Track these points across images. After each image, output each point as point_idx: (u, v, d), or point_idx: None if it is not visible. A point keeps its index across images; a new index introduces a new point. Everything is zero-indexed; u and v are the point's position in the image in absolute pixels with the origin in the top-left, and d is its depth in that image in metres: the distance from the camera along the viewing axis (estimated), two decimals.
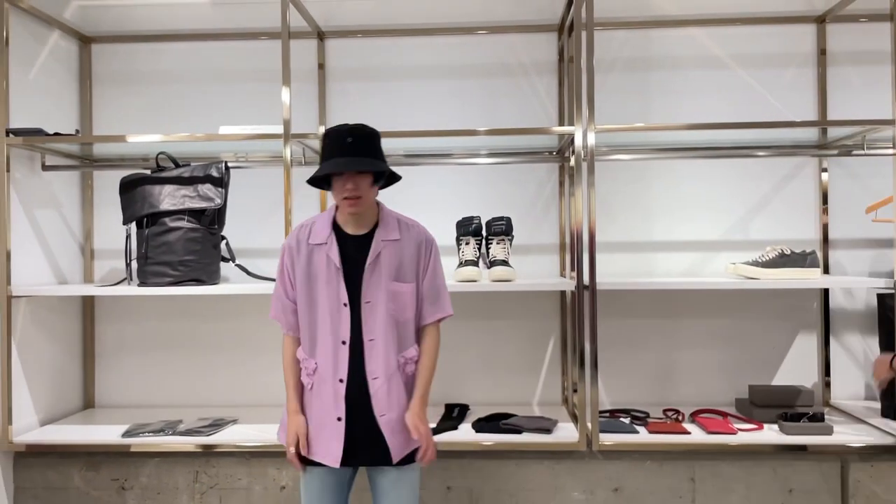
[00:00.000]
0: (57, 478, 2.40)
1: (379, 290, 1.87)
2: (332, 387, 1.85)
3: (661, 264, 2.75)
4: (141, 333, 2.82)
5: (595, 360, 2.29)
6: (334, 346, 1.85)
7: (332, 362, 1.85)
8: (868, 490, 2.27)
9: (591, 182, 2.27)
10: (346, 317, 1.85)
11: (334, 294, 1.86)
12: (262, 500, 2.38)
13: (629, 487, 2.33)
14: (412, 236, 1.93)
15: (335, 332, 1.86)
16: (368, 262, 1.86)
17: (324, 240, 1.89)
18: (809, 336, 2.73)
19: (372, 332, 1.86)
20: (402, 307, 1.89)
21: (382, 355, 1.86)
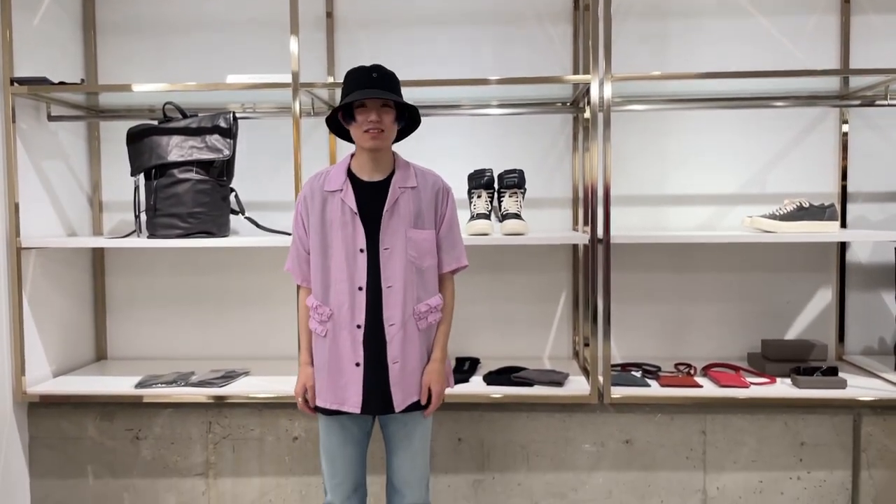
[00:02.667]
0: (71, 428, 2.43)
1: (397, 236, 1.85)
2: (350, 333, 1.85)
3: (676, 218, 2.71)
4: (151, 286, 2.82)
5: (608, 313, 2.28)
6: (351, 293, 1.84)
7: (349, 308, 1.84)
8: (880, 443, 2.27)
9: (608, 134, 2.22)
10: (363, 263, 1.84)
11: (350, 239, 1.85)
12: (275, 450, 2.40)
13: (640, 440, 2.34)
14: (429, 184, 1.92)
15: (351, 278, 1.84)
16: (387, 208, 1.85)
17: (339, 186, 1.87)
18: (825, 291, 2.70)
19: (390, 279, 1.85)
20: (422, 254, 1.88)
21: (400, 302, 1.85)
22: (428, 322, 1.90)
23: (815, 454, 2.30)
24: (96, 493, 2.43)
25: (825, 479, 2.30)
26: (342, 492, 1.94)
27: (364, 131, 1.82)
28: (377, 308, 1.85)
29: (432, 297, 1.92)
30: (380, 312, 1.84)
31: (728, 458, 2.31)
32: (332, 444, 1.92)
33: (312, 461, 2.39)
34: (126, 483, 2.43)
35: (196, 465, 2.42)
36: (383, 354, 1.85)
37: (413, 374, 1.88)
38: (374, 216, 1.86)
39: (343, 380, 1.86)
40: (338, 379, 1.86)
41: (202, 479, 2.42)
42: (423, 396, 1.90)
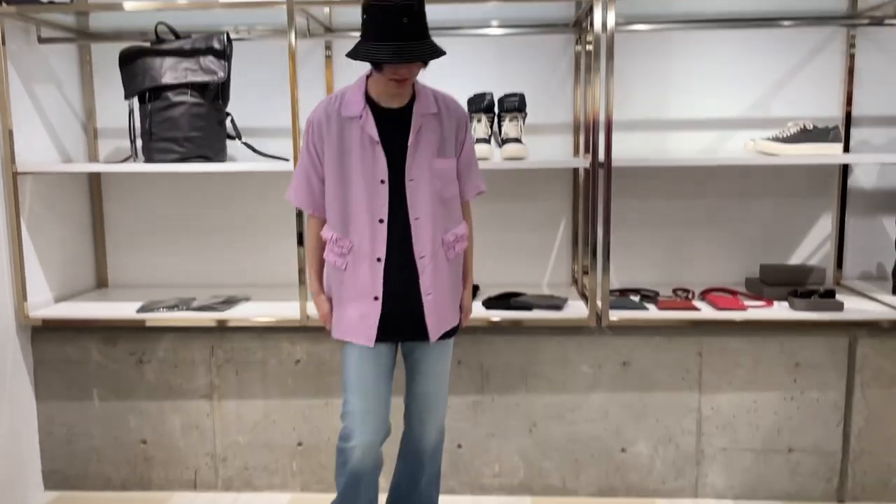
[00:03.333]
0: (75, 352, 2.46)
1: (422, 166, 1.80)
2: (370, 266, 1.81)
3: (678, 143, 2.68)
4: (150, 213, 2.81)
5: (607, 239, 2.27)
6: (371, 225, 1.80)
7: (370, 241, 1.80)
8: (874, 364, 2.30)
9: (611, 56, 2.17)
10: (384, 194, 1.79)
11: (370, 170, 1.78)
12: (278, 373, 2.44)
13: (637, 362, 2.37)
14: (450, 110, 1.86)
15: (371, 210, 1.79)
16: (411, 138, 1.79)
17: (357, 113, 1.79)
18: (825, 216, 2.69)
19: (417, 211, 1.81)
20: (447, 183, 1.85)
21: (429, 234, 1.82)
22: (455, 251, 1.89)
23: (810, 375, 2.33)
24: (102, 415, 2.48)
25: (818, 399, 2.34)
26: (373, 429, 1.88)
27: (390, 80, 1.72)
28: (404, 241, 1.81)
29: (458, 225, 1.90)
30: (408, 245, 1.81)
31: (723, 379, 2.35)
32: (365, 377, 1.86)
33: (314, 384, 2.43)
34: (131, 405, 2.47)
35: (200, 388, 2.46)
36: (413, 287, 1.83)
37: (445, 304, 1.88)
38: (394, 146, 1.79)
39: (361, 312, 1.83)
40: (357, 312, 1.84)
41: (207, 401, 2.46)
42: (465, 319, 1.98)
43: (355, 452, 1.87)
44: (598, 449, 2.41)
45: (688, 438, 2.38)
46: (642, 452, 2.40)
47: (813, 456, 2.36)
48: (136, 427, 2.48)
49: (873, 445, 2.34)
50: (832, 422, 2.34)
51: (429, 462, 2.04)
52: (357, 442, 1.86)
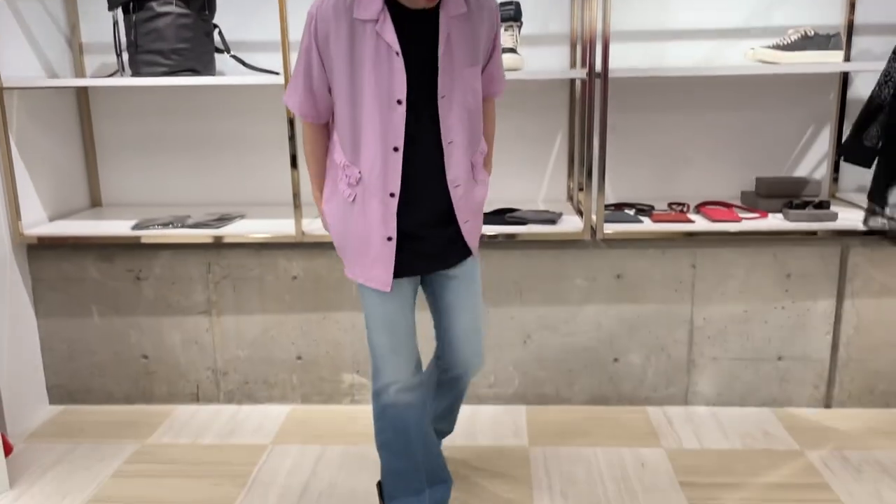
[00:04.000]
0: (72, 269, 2.47)
1: (454, 79, 1.54)
2: (382, 201, 1.56)
3: (676, 54, 2.63)
4: (141, 131, 2.77)
5: (603, 152, 2.25)
6: (384, 154, 1.53)
7: (381, 173, 1.55)
8: (866, 273, 2.33)
9: None
10: (400, 117, 1.51)
11: (385, 87, 1.50)
12: (274, 289, 2.46)
13: (631, 274, 2.39)
14: (483, 7, 1.58)
15: (384, 136, 1.52)
16: (442, 48, 1.52)
17: (374, 15, 1.48)
18: (823, 128, 2.66)
19: (451, 133, 1.56)
20: (475, 95, 1.61)
21: (463, 159, 1.61)
22: (481, 173, 1.70)
23: (801, 285, 2.36)
24: (103, 331, 2.52)
25: (809, 309, 2.37)
26: (408, 369, 1.70)
27: None
28: (427, 171, 1.58)
29: (481, 141, 1.68)
30: (434, 174, 1.59)
31: (716, 290, 2.38)
32: (390, 314, 1.67)
33: (312, 299, 2.46)
34: (131, 321, 2.50)
35: (198, 304, 2.48)
36: (442, 219, 1.64)
37: (479, 225, 1.73)
38: (419, 57, 1.51)
39: (371, 255, 1.61)
40: (366, 253, 1.62)
41: (205, 316, 2.49)
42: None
43: (390, 391, 1.71)
44: (590, 359, 2.46)
45: (679, 348, 2.43)
46: (634, 362, 2.45)
47: (801, 364, 2.41)
48: (137, 343, 2.52)
49: (861, 353, 2.39)
50: (822, 330, 2.39)
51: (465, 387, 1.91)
52: (390, 379, 1.70)
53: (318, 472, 2.13)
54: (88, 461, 2.21)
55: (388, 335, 1.68)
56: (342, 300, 2.45)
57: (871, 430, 2.29)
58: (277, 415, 2.48)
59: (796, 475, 2.06)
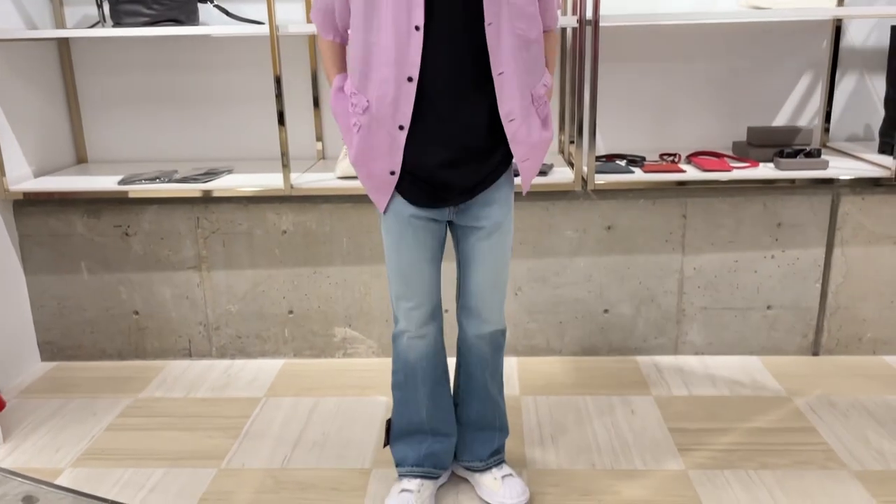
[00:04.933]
0: (59, 225, 2.45)
1: (501, 4, 1.43)
2: (389, 133, 1.49)
3: (667, 2, 2.59)
4: (125, 85, 2.72)
5: (594, 102, 2.23)
6: (396, 83, 1.45)
7: (392, 103, 1.47)
8: (855, 221, 2.33)
9: None
10: (417, 45, 1.42)
11: (404, 11, 1.41)
12: (264, 244, 2.44)
13: (621, 225, 2.39)
14: None
15: (400, 64, 1.43)
16: None
17: None
18: (815, 77, 2.64)
19: (500, 63, 1.46)
20: (531, 22, 1.49)
21: (517, 92, 1.50)
22: (547, 107, 1.60)
23: (791, 234, 2.36)
24: (92, 287, 2.51)
25: (798, 258, 2.38)
26: (419, 317, 1.67)
27: None
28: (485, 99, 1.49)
29: (545, 74, 1.58)
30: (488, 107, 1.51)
31: (706, 240, 2.38)
32: (405, 262, 1.63)
33: (302, 254, 2.45)
34: (121, 277, 2.49)
35: (188, 259, 2.47)
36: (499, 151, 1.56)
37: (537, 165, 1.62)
38: None
39: (373, 181, 1.57)
40: (368, 181, 1.58)
41: (195, 271, 2.48)
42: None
43: (403, 338, 1.71)
44: (581, 310, 2.47)
45: (669, 298, 2.44)
46: (624, 313, 2.47)
47: (790, 312, 2.43)
48: (128, 298, 2.52)
49: (850, 301, 2.41)
50: (811, 279, 2.40)
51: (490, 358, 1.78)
52: (403, 327, 1.69)
53: (311, 423, 2.14)
54: (81, 415, 2.22)
55: (402, 283, 1.65)
56: (333, 254, 2.44)
57: (858, 377, 2.32)
58: (270, 369, 2.49)
59: (783, 420, 2.08)
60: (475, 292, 1.69)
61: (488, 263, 1.66)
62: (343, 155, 2.39)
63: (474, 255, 1.66)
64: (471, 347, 1.76)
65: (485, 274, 1.67)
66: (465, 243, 1.67)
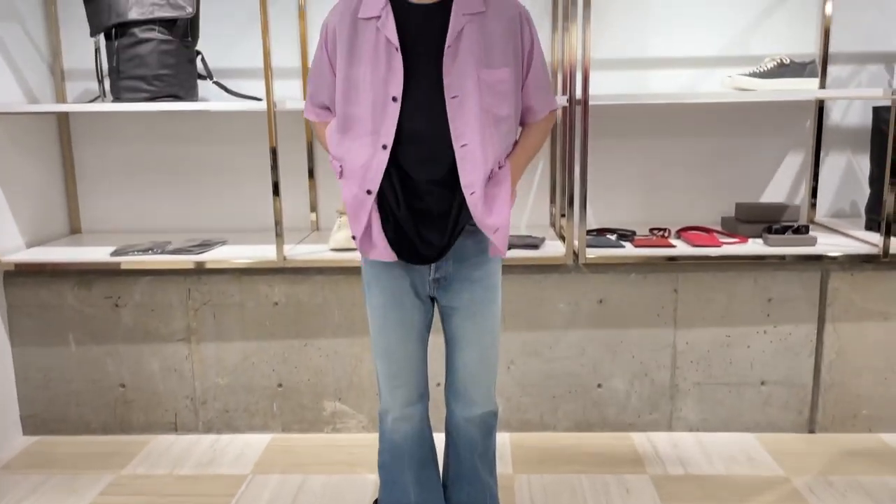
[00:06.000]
0: (49, 296, 2.43)
1: (466, 79, 1.47)
2: (356, 197, 1.54)
3: (656, 82, 2.66)
4: (122, 157, 2.75)
5: (584, 177, 2.27)
6: (371, 152, 1.50)
7: (363, 170, 1.51)
8: (845, 297, 2.34)
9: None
10: (393, 114, 1.47)
11: (381, 83, 1.47)
12: (255, 315, 2.43)
13: (613, 299, 2.39)
14: (503, 7, 1.53)
15: (376, 133, 1.49)
16: (449, 42, 1.46)
17: (377, 12, 1.48)
18: (800, 155, 2.70)
19: (464, 136, 1.48)
20: (501, 99, 1.52)
21: (480, 164, 1.50)
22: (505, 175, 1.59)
23: (783, 309, 2.36)
24: (79, 359, 2.47)
25: (791, 333, 2.38)
26: (403, 398, 1.65)
27: None
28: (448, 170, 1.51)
29: (509, 150, 1.60)
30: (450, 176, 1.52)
31: (698, 315, 2.38)
32: (391, 341, 1.62)
33: (293, 325, 2.43)
34: (109, 349, 2.46)
35: (178, 331, 2.45)
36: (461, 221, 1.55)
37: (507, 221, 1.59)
38: (428, 52, 1.47)
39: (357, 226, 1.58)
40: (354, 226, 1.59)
41: (185, 344, 2.46)
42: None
43: (387, 419, 1.69)
44: (574, 385, 2.45)
45: (662, 373, 2.42)
46: (618, 388, 2.44)
47: (784, 388, 2.41)
48: (114, 371, 2.48)
49: (844, 377, 2.39)
50: (804, 355, 2.39)
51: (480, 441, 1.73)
52: (387, 406, 1.68)
53: (298, 503, 2.08)
54: (62, 493, 2.15)
55: (386, 362, 1.64)
56: (324, 326, 2.43)
57: (856, 456, 2.29)
58: (257, 444, 2.44)
59: (782, 501, 2.04)
60: (462, 373, 1.66)
61: (474, 343, 1.64)
62: (337, 227, 2.40)
63: (459, 334, 1.65)
64: (459, 430, 1.72)
65: (471, 354, 1.65)
66: (449, 322, 1.67)
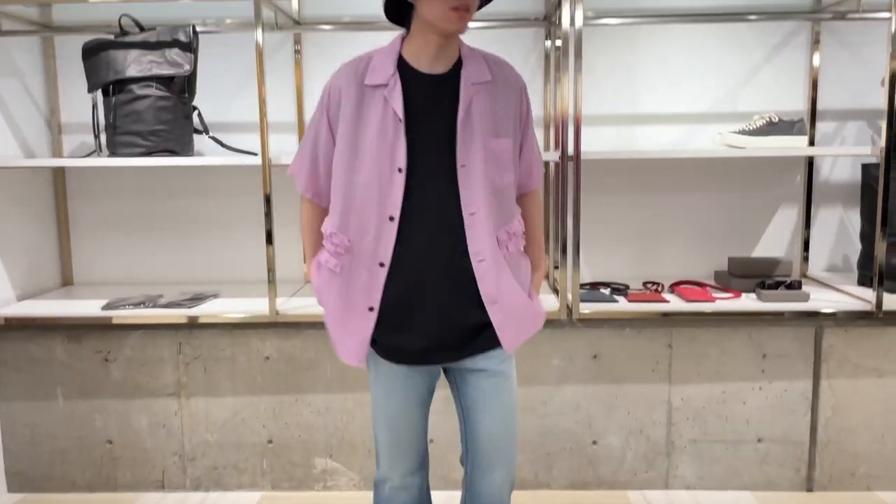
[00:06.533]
0: (39, 350, 2.41)
1: (475, 149, 1.47)
2: (368, 270, 1.49)
3: (647, 138, 2.70)
4: (116, 210, 2.76)
5: (577, 232, 2.27)
6: (378, 223, 1.47)
7: (373, 242, 1.48)
8: (840, 354, 2.33)
9: (579, 50, 2.17)
10: (399, 186, 1.45)
11: (387, 154, 1.45)
12: (247, 370, 2.40)
13: (607, 354, 2.38)
14: (507, 77, 1.55)
15: (382, 204, 1.46)
16: (462, 114, 1.47)
17: (384, 80, 1.46)
18: (791, 209, 2.72)
19: (472, 204, 1.47)
20: (503, 169, 1.52)
21: (487, 232, 1.49)
22: (510, 252, 1.57)
23: (777, 365, 2.35)
24: (67, 414, 2.43)
25: (786, 390, 2.36)
26: (404, 467, 1.61)
27: (452, 9, 1.39)
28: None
29: (512, 221, 1.58)
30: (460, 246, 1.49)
31: (693, 370, 2.37)
32: (393, 409, 1.57)
33: (284, 380, 2.40)
34: (97, 404, 2.43)
35: (168, 386, 2.42)
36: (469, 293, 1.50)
37: (519, 308, 1.56)
38: (435, 123, 1.47)
39: (349, 327, 1.53)
40: (344, 324, 1.54)
41: (174, 399, 2.42)
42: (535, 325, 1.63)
43: (384, 488, 1.64)
44: (569, 442, 2.41)
45: (658, 430, 2.40)
46: (613, 444, 2.41)
47: (782, 446, 2.39)
48: (102, 427, 2.44)
49: (840, 434, 2.37)
50: (800, 412, 2.37)
51: None
52: (385, 475, 1.62)
53: None
54: None
55: (388, 430, 1.58)
56: (315, 381, 2.40)
57: None
58: (246, 502, 2.39)
59: None
60: (486, 442, 1.57)
61: (496, 406, 1.56)
62: None
63: (479, 396, 1.56)
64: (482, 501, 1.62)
65: (494, 419, 1.56)
66: (465, 385, 1.59)
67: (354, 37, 2.65)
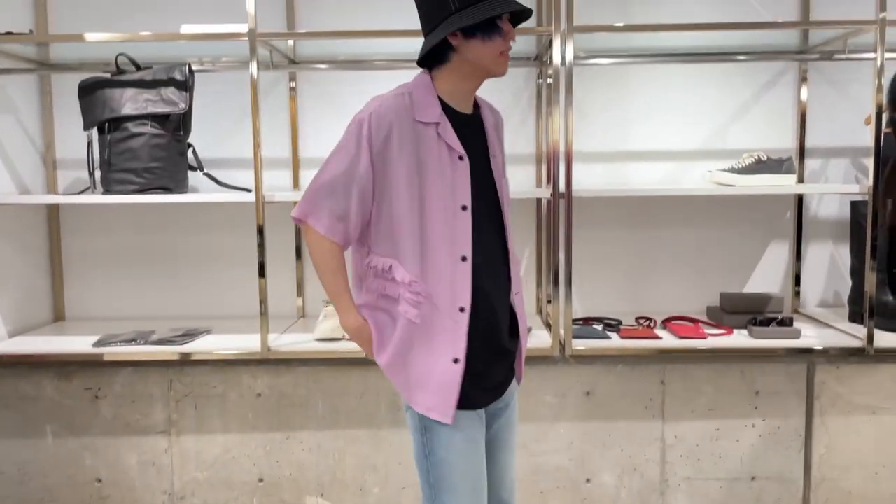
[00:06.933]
0: (28, 388, 2.39)
1: (503, 185, 1.54)
2: (451, 318, 1.43)
3: (637, 175, 2.73)
4: (109, 246, 2.76)
5: (569, 268, 2.29)
6: (452, 265, 1.42)
7: (450, 286, 1.42)
8: (832, 391, 2.33)
9: (570, 89, 2.21)
10: (467, 224, 1.43)
11: (449, 192, 1.43)
12: (238, 407, 2.39)
13: (600, 391, 2.37)
14: (495, 115, 1.63)
15: (452, 244, 1.42)
16: (494, 153, 1.53)
17: (435, 118, 1.44)
18: (781, 245, 2.74)
19: (510, 239, 1.56)
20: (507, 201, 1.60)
21: (517, 268, 1.59)
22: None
23: (770, 402, 2.35)
24: (56, 452, 2.41)
25: (779, 427, 2.35)
26: None
27: (500, 53, 1.44)
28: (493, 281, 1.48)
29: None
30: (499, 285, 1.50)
31: (686, 407, 2.36)
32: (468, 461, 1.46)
33: (276, 417, 2.39)
34: (86, 442, 2.41)
35: (158, 424, 2.40)
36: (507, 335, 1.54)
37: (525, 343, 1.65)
38: (478, 159, 1.49)
39: (434, 382, 1.44)
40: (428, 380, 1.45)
41: (164, 436, 2.40)
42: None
43: None
44: (562, 480, 2.40)
45: (652, 467, 2.38)
46: (607, 482, 2.39)
47: (776, 484, 2.37)
48: (91, 465, 2.41)
49: (834, 472, 2.36)
50: (793, 449, 2.36)
51: None
52: None
53: None
54: None
55: (470, 492, 1.45)
56: (307, 419, 2.39)
57: None
58: None
59: None
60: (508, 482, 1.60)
61: (510, 444, 1.62)
62: (323, 316, 2.40)
63: (501, 436, 1.58)
64: None
65: (509, 456, 1.62)
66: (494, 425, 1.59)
67: (349, 75, 2.68)
